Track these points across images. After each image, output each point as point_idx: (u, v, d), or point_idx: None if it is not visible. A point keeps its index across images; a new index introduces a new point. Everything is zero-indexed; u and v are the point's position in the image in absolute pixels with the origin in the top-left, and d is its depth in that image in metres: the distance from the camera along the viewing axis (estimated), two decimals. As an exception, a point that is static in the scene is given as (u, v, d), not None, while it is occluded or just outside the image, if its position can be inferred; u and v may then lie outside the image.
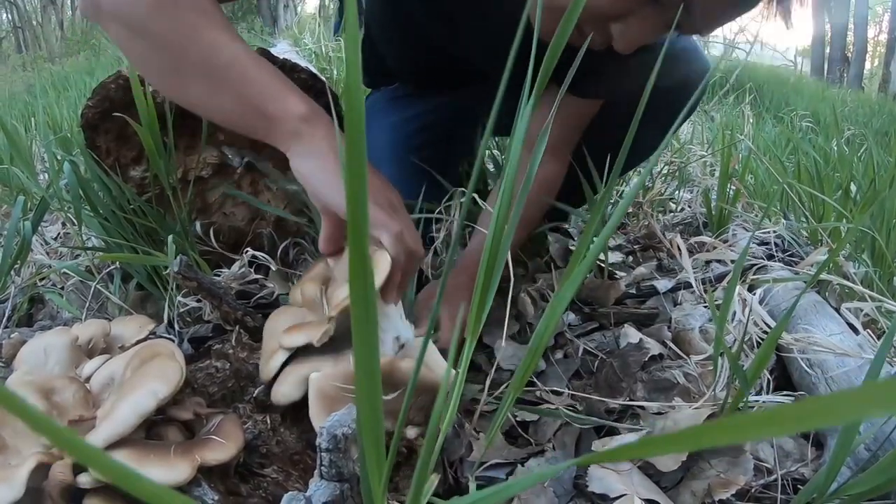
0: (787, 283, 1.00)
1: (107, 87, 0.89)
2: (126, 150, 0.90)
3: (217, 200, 0.97)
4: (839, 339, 0.84)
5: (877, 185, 1.22)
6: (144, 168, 0.90)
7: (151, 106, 0.83)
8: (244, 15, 20.33)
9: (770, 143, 2.50)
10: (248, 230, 0.98)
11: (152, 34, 0.64)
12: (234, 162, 0.91)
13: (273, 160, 0.93)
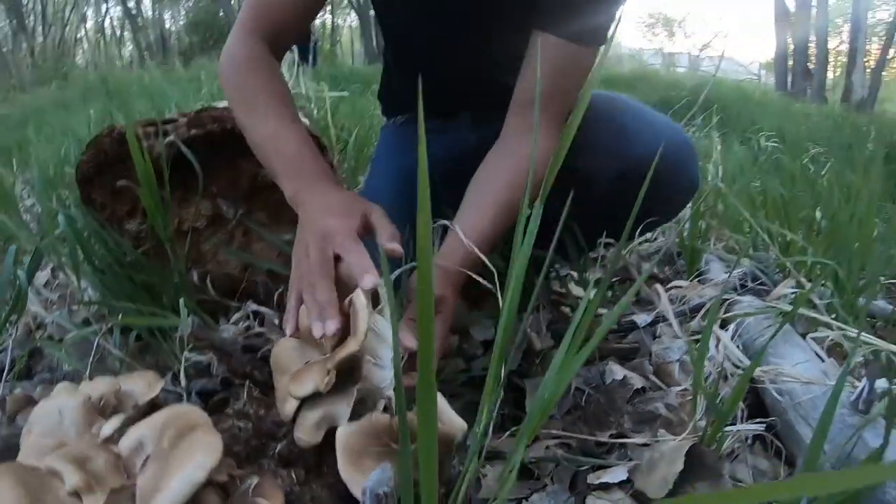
0: (759, 303, 1.06)
1: (101, 142, 0.92)
2: (121, 204, 0.93)
3: (211, 249, 1.00)
4: (805, 367, 0.89)
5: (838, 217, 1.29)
6: (140, 221, 0.94)
7: (149, 162, 0.86)
8: (216, 43, 20.36)
9: (738, 166, 2.59)
10: (242, 277, 1.01)
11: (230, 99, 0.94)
12: (228, 214, 0.94)
13: (267, 210, 0.97)
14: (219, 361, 0.74)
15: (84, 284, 0.97)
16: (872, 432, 0.71)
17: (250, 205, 0.99)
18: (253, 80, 0.91)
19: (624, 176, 0.97)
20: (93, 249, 0.91)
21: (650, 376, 0.93)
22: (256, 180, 0.98)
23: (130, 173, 0.88)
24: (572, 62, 0.93)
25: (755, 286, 1.21)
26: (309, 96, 3.63)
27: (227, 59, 0.94)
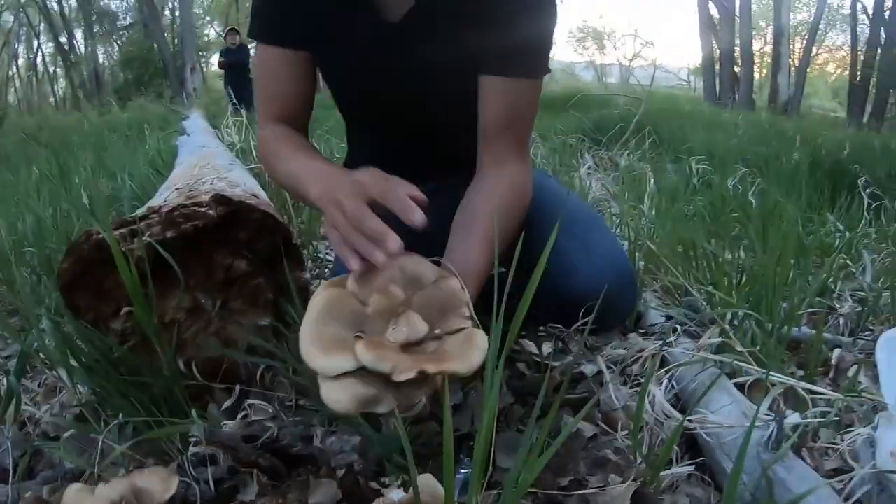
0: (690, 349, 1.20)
1: (79, 249, 0.99)
2: (105, 306, 1.00)
3: (190, 336, 1.08)
4: (729, 409, 1.02)
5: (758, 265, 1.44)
6: (125, 319, 1.00)
7: (134, 272, 0.93)
8: (151, 79, 20.08)
9: (671, 192, 2.76)
10: (223, 359, 1.09)
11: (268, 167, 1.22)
12: (207, 305, 1.02)
13: (242, 297, 1.05)
14: (223, 453, 0.81)
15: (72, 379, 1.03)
16: (784, 465, 0.84)
17: (226, 294, 1.07)
18: (277, 144, 1.13)
19: (563, 308, 1.08)
20: (80, 349, 0.98)
21: (599, 423, 1.04)
22: (230, 271, 1.06)
23: (111, 276, 0.95)
24: (524, 95, 1.07)
25: (688, 327, 1.35)
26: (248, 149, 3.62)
27: (259, 145, 1.19)
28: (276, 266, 1.14)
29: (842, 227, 2.42)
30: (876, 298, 1.64)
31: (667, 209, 2.46)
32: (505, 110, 1.06)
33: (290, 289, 1.04)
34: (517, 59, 1.05)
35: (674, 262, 1.60)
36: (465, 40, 1.04)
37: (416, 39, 1.06)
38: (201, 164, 2.04)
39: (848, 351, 1.43)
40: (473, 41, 1.04)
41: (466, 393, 1.06)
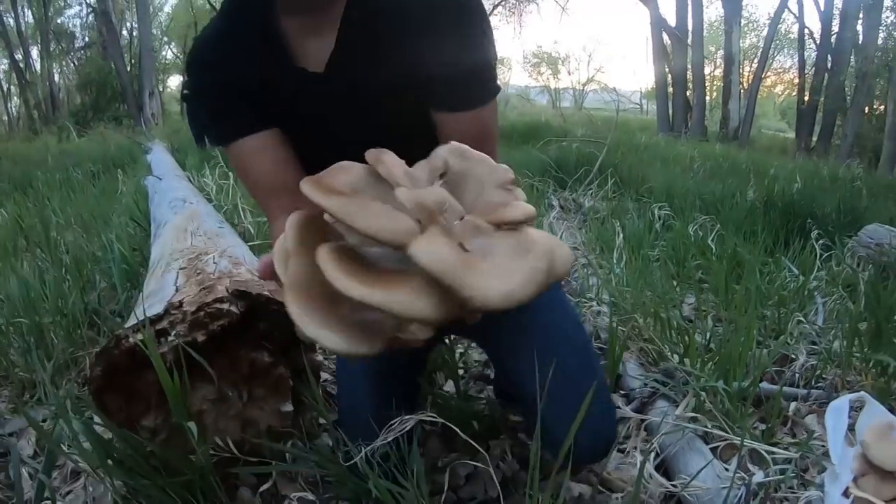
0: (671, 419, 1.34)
1: (109, 354, 1.06)
2: (135, 405, 1.08)
3: (212, 422, 1.16)
4: (705, 472, 1.17)
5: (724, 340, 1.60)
6: (154, 416, 1.08)
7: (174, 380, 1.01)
8: (108, 103, 19.75)
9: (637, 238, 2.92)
10: (243, 439, 1.17)
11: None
12: (233, 397, 1.11)
13: (265, 387, 1.14)
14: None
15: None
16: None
17: (250, 385, 1.16)
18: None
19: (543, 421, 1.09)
20: (113, 447, 1.05)
21: (597, 486, 1.17)
22: (255, 364, 1.15)
23: (144, 382, 1.03)
24: (480, 121, 1.08)
25: (665, 391, 1.49)
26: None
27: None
28: (290, 349, 1.24)
29: (796, 270, 2.61)
30: (827, 351, 1.81)
31: (634, 258, 2.62)
32: (466, 140, 0.97)
33: (305, 370, 1.13)
34: (460, 94, 1.05)
35: (647, 325, 1.75)
36: (390, 79, 1.06)
37: (340, 85, 1.08)
38: (192, 230, 2.10)
39: (803, 402, 1.59)
40: (401, 86, 1.06)
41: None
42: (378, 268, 0.51)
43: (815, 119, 18.73)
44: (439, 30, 1.02)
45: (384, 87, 1.08)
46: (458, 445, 1.26)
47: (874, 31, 15.55)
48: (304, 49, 1.08)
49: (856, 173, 7.25)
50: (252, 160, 1.11)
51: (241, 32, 1.10)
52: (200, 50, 1.13)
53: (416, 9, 1.02)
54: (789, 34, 26.56)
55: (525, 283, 0.48)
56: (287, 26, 1.08)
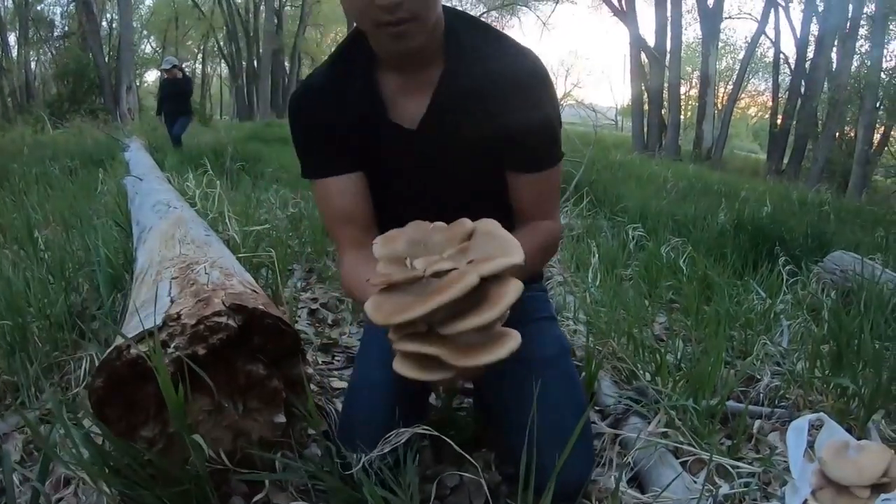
0: (644, 434, 1.41)
1: (111, 365, 1.10)
2: (134, 415, 1.12)
3: (207, 432, 1.20)
4: (675, 484, 1.25)
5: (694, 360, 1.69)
6: (153, 426, 1.12)
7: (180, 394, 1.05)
8: (85, 95, 19.46)
9: (610, 259, 3.00)
10: (235, 449, 1.22)
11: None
12: (229, 409, 1.16)
13: (260, 398, 1.19)
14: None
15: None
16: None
17: (246, 397, 1.20)
18: (348, 281, 1.25)
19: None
20: (110, 455, 1.08)
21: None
22: (251, 377, 1.20)
23: (146, 392, 1.07)
24: (549, 180, 1.26)
25: (638, 408, 1.57)
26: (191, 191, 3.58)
27: (342, 277, 1.29)
28: (281, 361, 1.28)
29: (763, 294, 2.71)
30: (791, 372, 1.90)
31: (608, 278, 2.70)
32: (533, 195, 1.25)
33: (298, 382, 1.18)
34: (535, 158, 1.23)
35: (621, 345, 1.83)
36: (477, 141, 1.20)
37: (429, 143, 1.21)
38: (179, 237, 2.13)
39: (767, 420, 1.68)
40: (486, 147, 1.21)
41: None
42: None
43: (787, 142, 19.19)
44: (522, 98, 1.17)
45: (468, 149, 1.22)
46: (444, 457, 1.32)
47: (848, 60, 16.02)
48: (399, 105, 1.21)
49: (825, 198, 7.48)
50: (333, 197, 1.25)
51: (343, 82, 1.22)
52: (305, 94, 1.27)
53: (503, 78, 1.16)
54: (765, 58, 27.23)
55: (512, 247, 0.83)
56: (385, 82, 1.20)
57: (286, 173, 6.41)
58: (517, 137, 1.19)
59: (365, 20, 1.07)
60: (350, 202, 1.25)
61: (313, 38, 36.95)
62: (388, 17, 1.03)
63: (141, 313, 1.26)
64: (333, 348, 2.10)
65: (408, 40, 1.07)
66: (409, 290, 0.84)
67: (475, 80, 1.16)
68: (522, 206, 1.26)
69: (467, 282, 0.76)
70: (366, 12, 1.05)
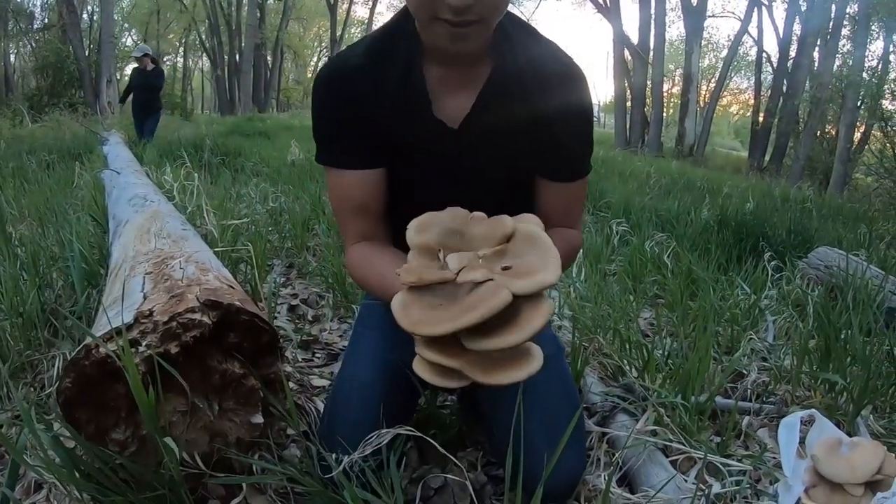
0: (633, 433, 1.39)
1: (79, 365, 1.04)
2: (105, 417, 1.06)
3: (181, 433, 1.15)
4: (665, 482, 1.24)
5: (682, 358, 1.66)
6: (124, 429, 1.07)
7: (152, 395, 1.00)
8: (65, 88, 19.20)
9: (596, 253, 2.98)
10: (212, 450, 1.17)
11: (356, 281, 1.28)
12: (204, 409, 1.11)
13: (236, 398, 1.15)
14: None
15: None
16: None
17: (221, 396, 1.15)
18: (360, 271, 1.20)
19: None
20: (81, 459, 1.04)
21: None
22: (226, 375, 1.15)
23: (116, 391, 1.02)
24: (576, 191, 1.25)
25: (625, 405, 1.54)
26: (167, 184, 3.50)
27: (348, 267, 1.26)
28: (258, 359, 1.24)
29: (748, 289, 2.70)
30: (778, 368, 1.89)
31: (593, 273, 2.68)
32: (560, 204, 1.24)
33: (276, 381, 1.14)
34: (570, 167, 1.22)
35: (607, 341, 1.80)
36: (517, 144, 1.17)
37: (470, 142, 1.17)
38: (155, 231, 2.07)
39: (756, 416, 1.66)
40: (525, 150, 1.18)
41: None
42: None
43: (769, 140, 19.37)
44: (567, 105, 1.15)
45: (508, 151, 1.18)
46: (429, 457, 1.28)
47: (830, 59, 16.21)
48: (441, 101, 1.14)
49: (807, 195, 7.53)
50: (349, 188, 1.19)
51: (384, 68, 1.13)
52: (340, 72, 1.16)
53: (550, 82, 1.13)
54: (747, 56, 27.49)
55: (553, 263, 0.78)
56: (429, 74, 1.13)
57: (267, 167, 6.35)
58: (558, 143, 1.17)
59: (424, 11, 1.00)
60: (367, 195, 1.19)
61: (296, 31, 36.77)
62: (454, 16, 0.97)
63: (112, 310, 1.22)
64: (314, 345, 2.05)
65: (468, 42, 1.02)
66: (439, 293, 0.80)
67: (523, 82, 1.12)
68: (549, 214, 1.22)
69: (499, 301, 0.73)
70: (428, 4, 0.98)
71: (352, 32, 36.80)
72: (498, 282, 0.76)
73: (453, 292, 0.78)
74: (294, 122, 16.71)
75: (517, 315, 0.75)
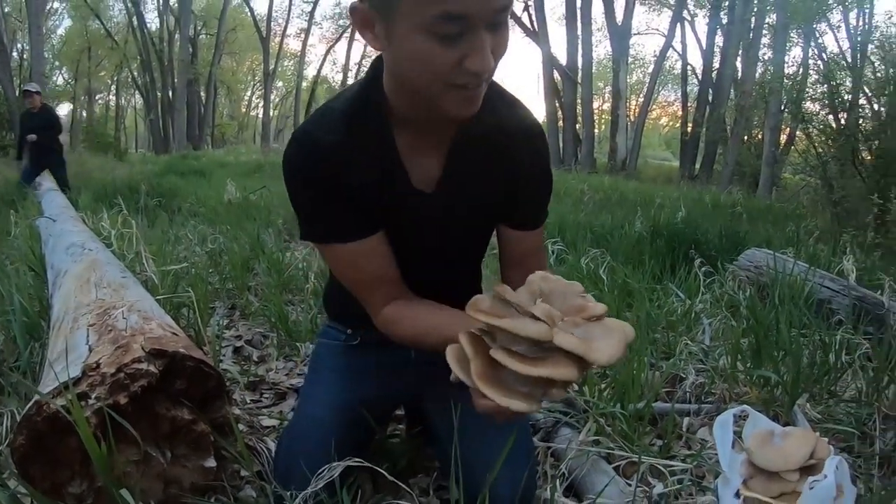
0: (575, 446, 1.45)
1: (32, 422, 1.05)
2: (60, 471, 1.07)
3: (136, 483, 1.15)
4: (610, 489, 1.31)
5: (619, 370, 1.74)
6: (80, 482, 1.08)
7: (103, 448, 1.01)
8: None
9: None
10: (168, 497, 1.17)
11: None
12: (158, 457, 1.12)
13: (186, 443, 1.16)
14: None
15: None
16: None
17: (173, 443, 1.17)
18: (403, 331, 1.17)
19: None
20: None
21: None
22: (175, 422, 1.16)
23: (69, 446, 1.03)
24: (539, 236, 1.31)
25: (567, 419, 1.61)
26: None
27: (382, 327, 1.19)
28: (206, 403, 1.25)
29: (682, 295, 2.82)
30: (714, 369, 1.98)
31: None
32: (530, 249, 1.29)
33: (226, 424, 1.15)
34: (536, 216, 1.27)
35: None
36: (486, 202, 1.22)
37: (442, 204, 1.19)
38: (95, 281, 2.05)
39: (695, 416, 1.74)
40: (494, 205, 1.22)
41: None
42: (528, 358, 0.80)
43: (698, 149, 20.06)
44: (532, 157, 1.21)
45: (478, 207, 1.22)
46: (383, 486, 1.31)
47: (752, 67, 16.94)
48: (413, 167, 1.16)
49: (736, 199, 7.84)
50: (362, 261, 1.16)
51: (359, 140, 1.12)
52: (317, 152, 1.11)
53: (514, 138, 1.17)
54: (673, 70, 28.58)
55: (619, 349, 0.80)
56: (400, 143, 1.14)
57: (203, 207, 6.28)
58: (525, 196, 1.22)
59: (439, 81, 0.96)
60: (382, 264, 1.17)
61: (229, 66, 36.49)
62: (471, 80, 0.96)
63: (58, 365, 1.22)
64: (261, 385, 2.05)
65: (475, 103, 1.02)
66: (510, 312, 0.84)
67: (488, 140, 1.15)
68: (520, 259, 1.29)
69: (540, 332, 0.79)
70: (444, 75, 0.95)
71: (285, 65, 36.78)
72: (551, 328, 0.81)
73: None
74: (229, 159, 16.52)
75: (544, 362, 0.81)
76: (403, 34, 0.93)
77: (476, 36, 0.91)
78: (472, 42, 0.92)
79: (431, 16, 0.89)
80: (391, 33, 0.95)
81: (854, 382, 1.87)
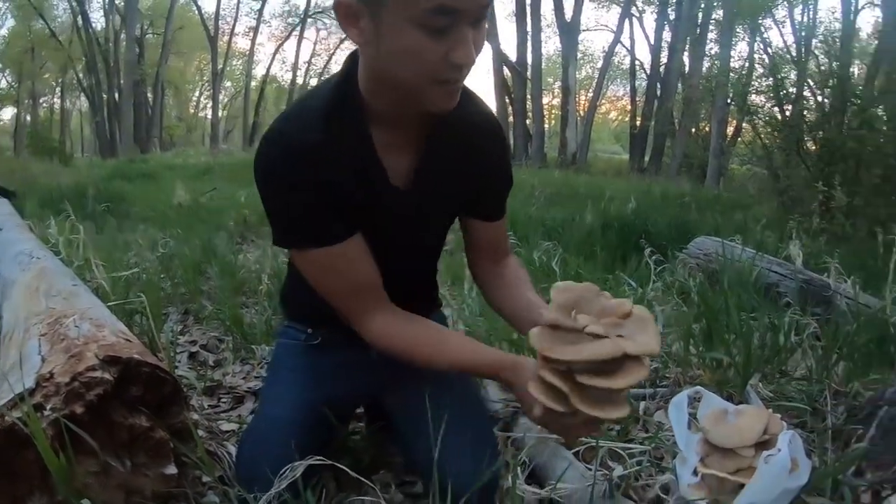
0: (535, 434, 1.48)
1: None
2: (19, 486, 1.05)
3: (97, 494, 1.13)
4: (570, 474, 1.34)
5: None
6: (39, 496, 1.06)
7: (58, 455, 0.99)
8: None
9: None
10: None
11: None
12: (118, 466, 1.11)
13: (145, 451, 1.15)
14: None
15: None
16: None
17: (132, 452, 1.15)
18: (402, 344, 1.19)
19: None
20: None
21: None
22: (133, 430, 1.15)
23: (24, 460, 1.01)
24: (504, 224, 1.36)
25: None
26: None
27: (372, 340, 1.19)
28: (163, 410, 1.24)
29: (634, 283, 2.88)
30: (667, 353, 2.03)
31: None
32: (497, 239, 1.35)
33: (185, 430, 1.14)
34: (500, 207, 1.32)
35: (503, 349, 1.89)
36: (457, 197, 1.26)
37: (418, 200, 1.19)
38: (44, 290, 2.01)
39: (651, 400, 1.79)
40: (465, 197, 1.27)
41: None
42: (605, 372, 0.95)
43: (647, 142, 20.43)
44: (498, 151, 1.28)
45: (450, 203, 1.27)
46: (346, 484, 1.32)
47: (699, 62, 17.35)
48: (389, 165, 1.16)
49: (685, 190, 8.01)
50: (346, 266, 1.14)
51: (337, 140, 1.10)
52: (296, 154, 1.08)
53: (482, 132, 1.22)
54: (622, 65, 29.04)
55: (657, 340, 0.97)
56: (376, 141, 1.13)
57: (153, 211, 6.16)
58: (492, 189, 1.29)
59: (427, 76, 0.98)
60: (361, 268, 1.15)
61: (177, 66, 35.69)
62: (455, 74, 1.00)
63: (12, 376, 1.19)
64: (218, 390, 2.03)
65: (456, 98, 1.05)
66: (566, 337, 0.97)
67: (459, 135, 1.18)
68: (484, 247, 1.35)
69: (614, 350, 0.93)
70: (430, 69, 0.97)
71: (234, 64, 36.14)
72: (616, 340, 0.96)
73: (577, 338, 0.97)
74: (178, 161, 16.18)
75: (622, 370, 0.95)
76: (393, 27, 0.95)
77: (461, 30, 0.95)
78: (457, 36, 0.95)
79: (425, 9, 0.91)
80: (379, 27, 0.96)
81: (804, 361, 1.93)
